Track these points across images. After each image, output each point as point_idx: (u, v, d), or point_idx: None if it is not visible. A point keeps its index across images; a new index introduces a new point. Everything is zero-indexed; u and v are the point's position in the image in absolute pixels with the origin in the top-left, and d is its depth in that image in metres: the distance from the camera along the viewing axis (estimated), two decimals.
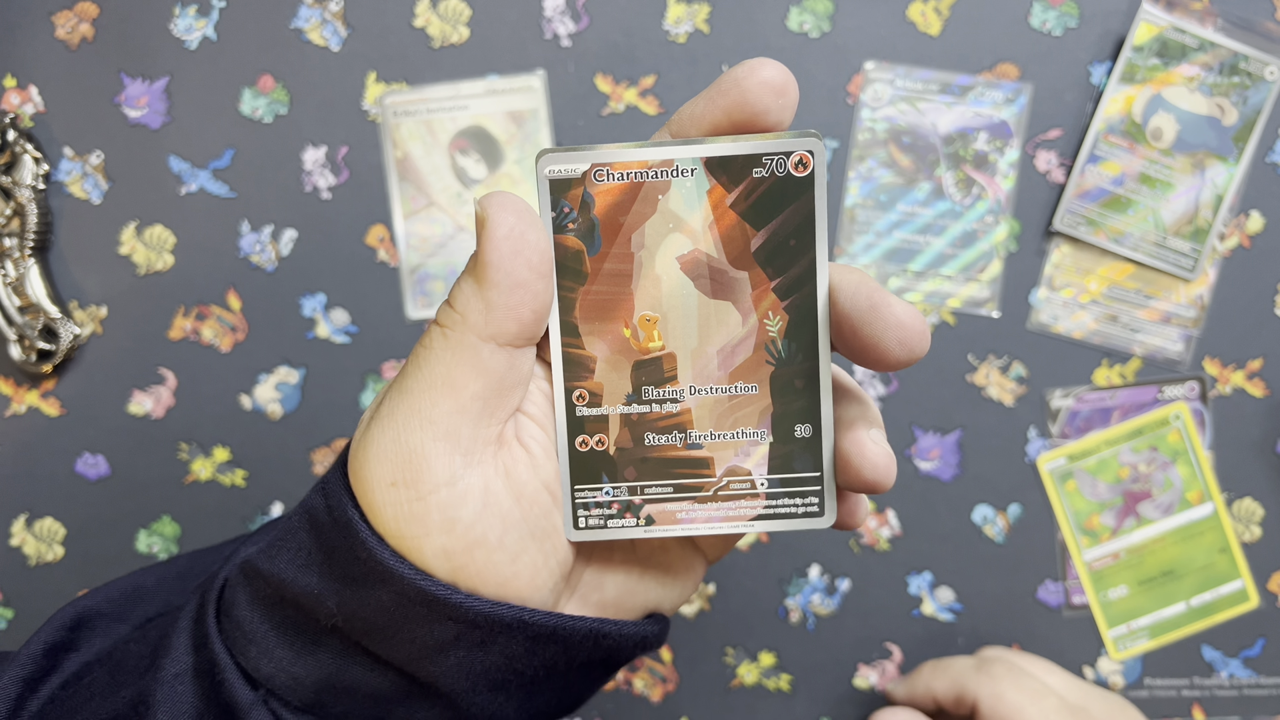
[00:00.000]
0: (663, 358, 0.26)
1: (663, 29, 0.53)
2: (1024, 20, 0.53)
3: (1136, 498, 0.54)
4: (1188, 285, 0.53)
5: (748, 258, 0.25)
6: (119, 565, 0.54)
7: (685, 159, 0.25)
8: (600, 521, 0.27)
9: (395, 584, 0.24)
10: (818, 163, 0.25)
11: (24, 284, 0.52)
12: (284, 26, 0.53)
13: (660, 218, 0.25)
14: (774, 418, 0.26)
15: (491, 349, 0.24)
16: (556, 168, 0.25)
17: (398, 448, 0.24)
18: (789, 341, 0.26)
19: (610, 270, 0.26)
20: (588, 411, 0.26)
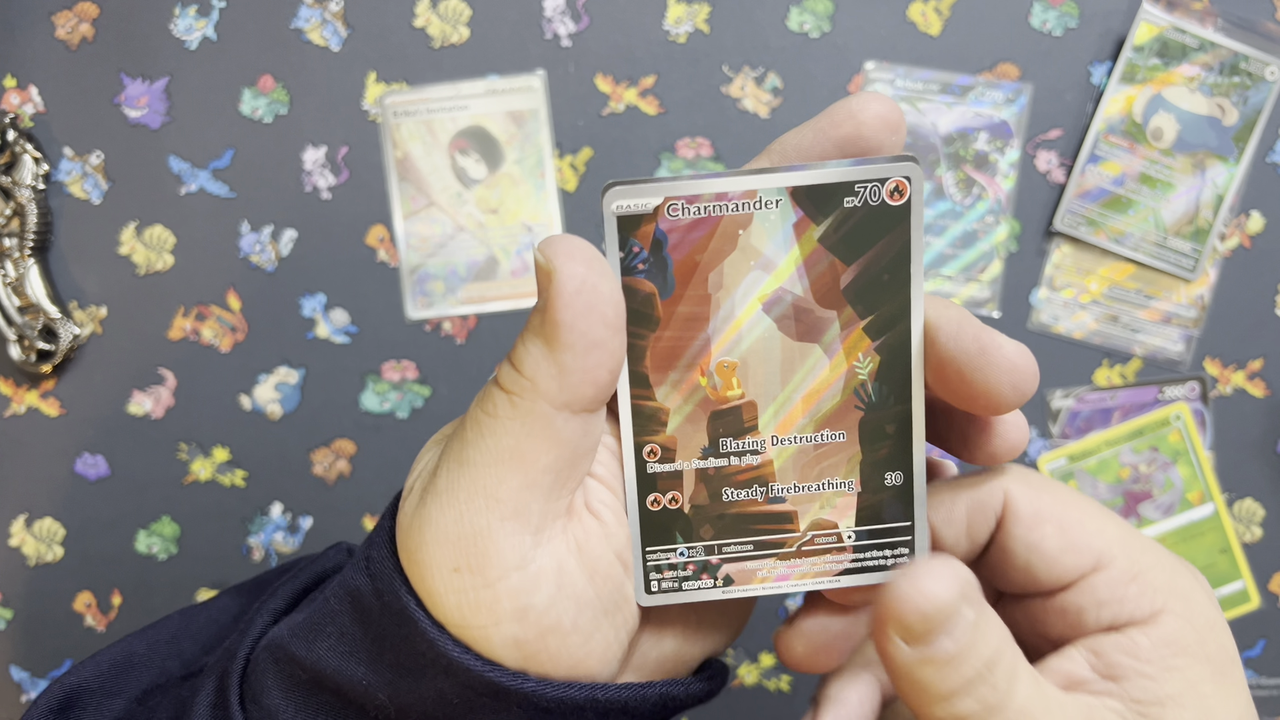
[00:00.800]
0: (742, 406, 0.24)
1: (663, 29, 0.53)
2: (1024, 20, 0.53)
3: (1137, 498, 0.54)
4: (1188, 285, 0.53)
5: (836, 295, 0.23)
6: (118, 565, 0.54)
7: (769, 189, 0.23)
8: (675, 584, 0.25)
9: (459, 676, 0.22)
10: (915, 189, 0.23)
11: (24, 284, 0.52)
12: (284, 26, 0.53)
13: (740, 254, 0.23)
14: (863, 466, 0.24)
15: (565, 417, 0.22)
16: (626, 203, 0.23)
17: (461, 529, 0.22)
18: (880, 384, 0.24)
19: (684, 314, 0.24)
20: (660, 468, 0.24)
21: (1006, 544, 0.24)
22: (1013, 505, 0.24)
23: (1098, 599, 0.23)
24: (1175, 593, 0.23)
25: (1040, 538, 0.24)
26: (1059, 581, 0.24)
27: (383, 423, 0.54)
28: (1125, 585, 0.23)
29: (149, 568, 0.54)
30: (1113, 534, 0.24)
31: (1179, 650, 0.22)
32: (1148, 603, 0.23)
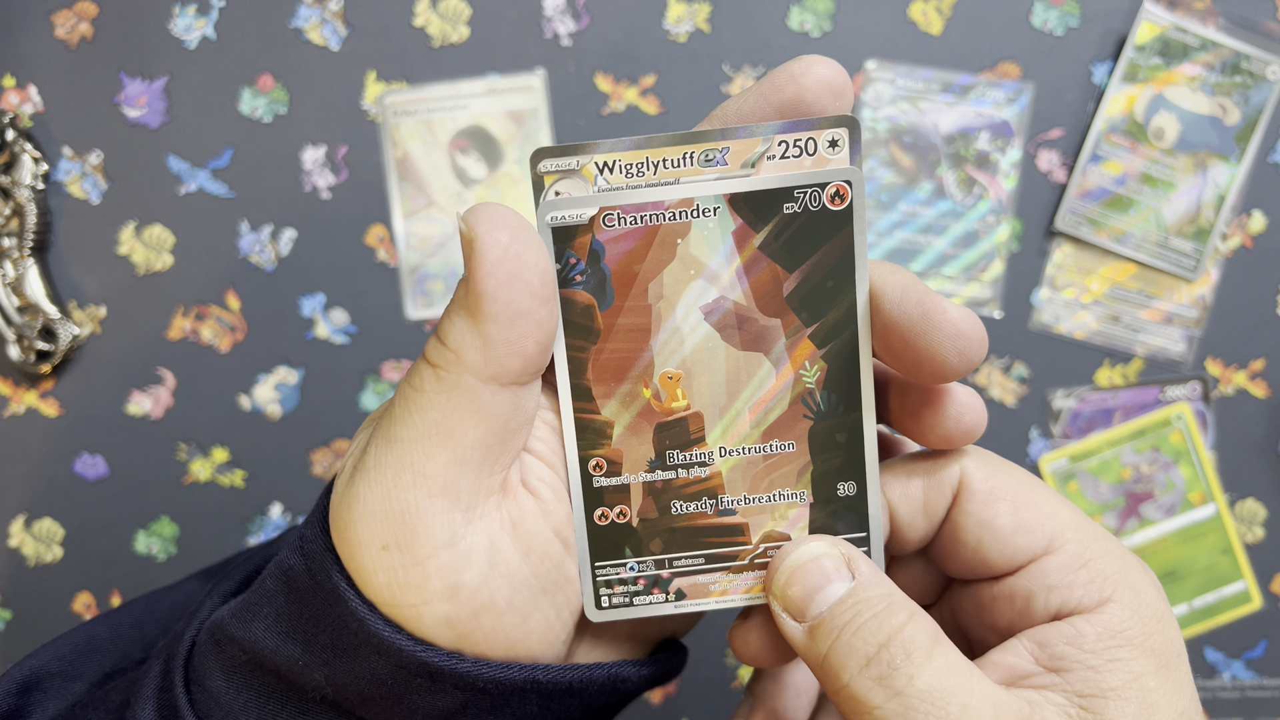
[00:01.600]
0: (688, 418, 0.24)
1: (663, 28, 0.53)
2: (1025, 20, 0.53)
3: (1139, 498, 0.54)
4: (1190, 285, 0.53)
5: (780, 303, 0.23)
6: (118, 566, 0.54)
7: (706, 197, 0.22)
8: (625, 599, 0.24)
9: (392, 656, 0.22)
10: (856, 194, 0.22)
11: (23, 284, 0.52)
12: (283, 26, 0.53)
13: (680, 264, 0.23)
14: (814, 476, 0.24)
15: (493, 390, 0.21)
16: (560, 214, 0.22)
17: (388, 506, 0.21)
18: (828, 392, 0.23)
19: (625, 325, 0.23)
20: (606, 482, 0.24)
21: (960, 520, 0.24)
22: (968, 482, 0.24)
23: (1047, 583, 0.23)
24: (1124, 583, 0.23)
25: (994, 515, 0.24)
26: (1010, 563, 0.24)
27: None
28: (1075, 571, 0.23)
29: (148, 568, 0.54)
30: (1066, 518, 0.24)
31: (1124, 641, 0.22)
32: (1096, 590, 0.23)
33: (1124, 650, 0.22)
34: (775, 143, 0.23)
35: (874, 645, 0.21)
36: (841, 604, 0.22)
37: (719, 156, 0.23)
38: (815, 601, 0.23)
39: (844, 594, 0.22)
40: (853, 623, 0.22)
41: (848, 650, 0.22)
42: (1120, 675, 0.22)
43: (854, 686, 0.21)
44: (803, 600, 0.23)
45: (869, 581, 0.23)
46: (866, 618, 0.22)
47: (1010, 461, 0.25)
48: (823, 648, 0.22)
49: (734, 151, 0.23)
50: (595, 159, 0.23)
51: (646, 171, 0.23)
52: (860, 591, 0.22)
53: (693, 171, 0.23)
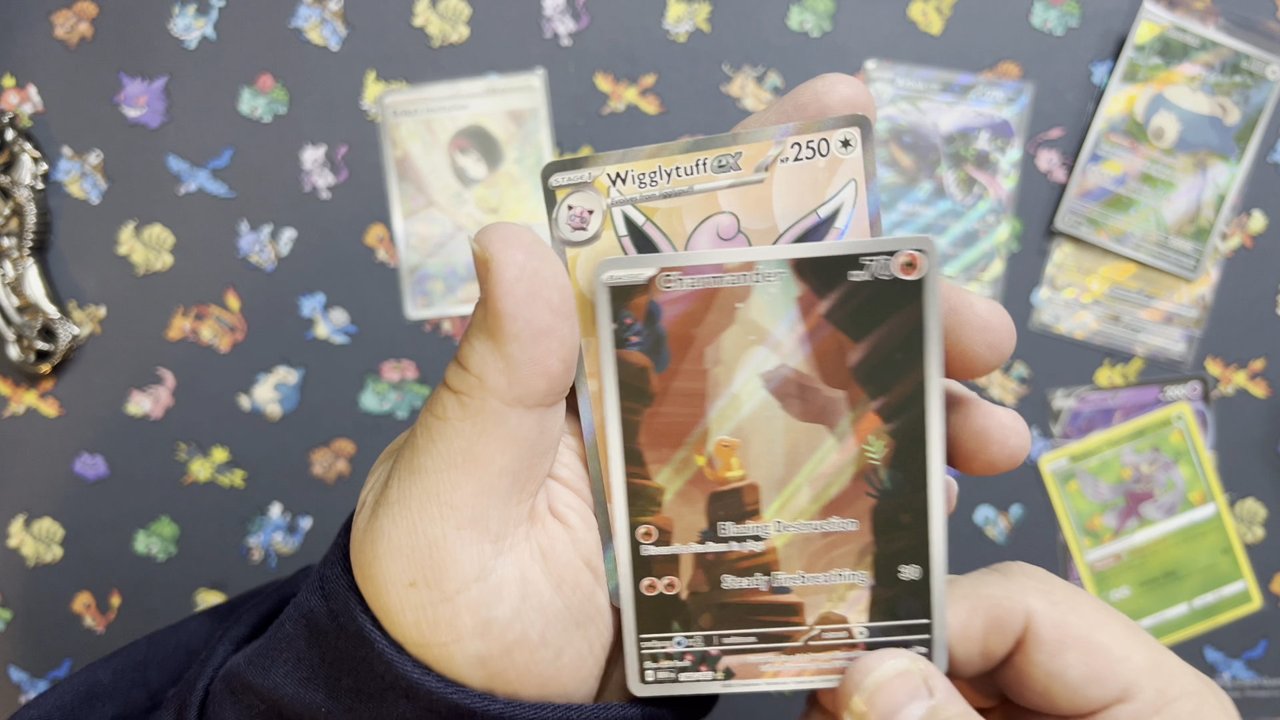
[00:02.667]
0: (743, 489, 0.23)
1: (663, 28, 0.53)
2: (1025, 19, 0.53)
3: (1139, 498, 0.53)
4: (1190, 285, 0.53)
5: (845, 374, 0.22)
6: (117, 566, 0.54)
7: (769, 261, 0.22)
8: (671, 675, 0.23)
9: (421, 699, 0.21)
10: (930, 265, 0.21)
11: (22, 284, 0.52)
12: (283, 26, 0.53)
13: (739, 328, 0.22)
14: (876, 558, 0.23)
15: (519, 413, 0.21)
16: (618, 273, 0.22)
17: (415, 540, 0.21)
18: (894, 471, 0.22)
19: (681, 389, 0.22)
20: (655, 550, 0.23)
21: (1025, 668, 0.23)
22: (1035, 629, 0.22)
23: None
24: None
25: (1063, 666, 0.22)
26: (1079, 710, 0.23)
27: (382, 423, 0.54)
28: (1150, 718, 0.22)
29: (148, 568, 0.54)
30: (1140, 661, 0.22)
31: None
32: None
33: None
34: (788, 145, 0.22)
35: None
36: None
37: (732, 162, 0.22)
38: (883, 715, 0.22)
39: (925, 712, 0.22)
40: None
41: None
42: None
43: None
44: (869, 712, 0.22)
45: (947, 700, 0.22)
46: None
47: (1080, 591, 0.24)
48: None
49: (746, 156, 0.22)
50: (607, 170, 0.22)
51: (660, 180, 0.22)
52: (940, 711, 0.22)
53: (706, 178, 0.22)
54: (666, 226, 0.22)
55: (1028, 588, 0.23)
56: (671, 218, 0.22)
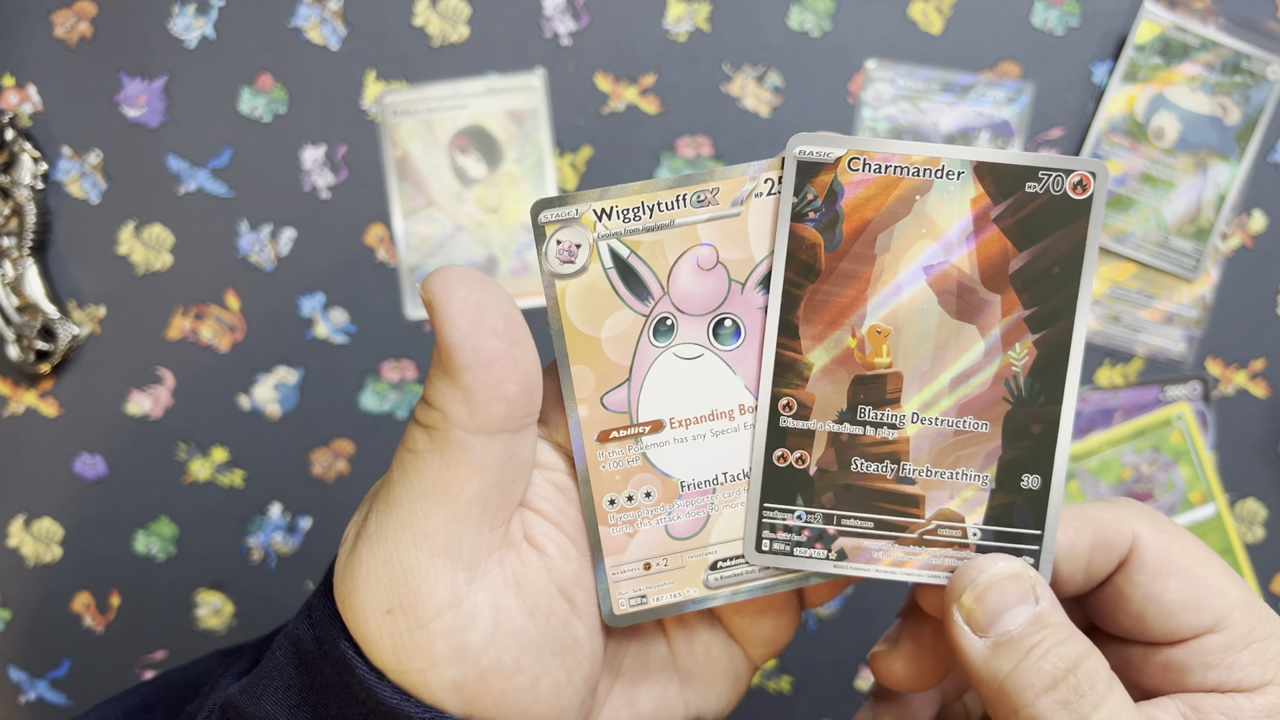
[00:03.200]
0: (888, 376, 0.23)
1: (663, 27, 0.53)
2: (1026, 19, 0.52)
3: (1139, 499, 0.53)
4: (1190, 285, 0.53)
5: (1004, 279, 0.23)
6: (117, 566, 0.54)
7: (954, 159, 0.23)
8: (786, 548, 0.24)
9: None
10: (1099, 187, 0.22)
11: (22, 284, 0.52)
12: (283, 25, 0.53)
13: (913, 220, 0.23)
14: (1001, 462, 0.23)
15: (484, 441, 0.21)
16: (809, 149, 0.23)
17: (390, 569, 0.21)
18: (1033, 380, 0.23)
19: (846, 270, 0.23)
20: (793, 423, 0.24)
21: (1124, 588, 0.24)
22: (1140, 551, 0.24)
23: (1207, 661, 0.23)
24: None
25: (1163, 589, 0.23)
26: (1171, 636, 0.24)
27: (382, 423, 0.53)
28: (1238, 652, 0.23)
29: (148, 568, 0.54)
30: (1235, 597, 0.23)
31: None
32: (1258, 673, 0.23)
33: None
34: (761, 180, 0.23)
35: (1061, 670, 0.21)
36: (1031, 625, 0.22)
37: (710, 197, 0.23)
38: (1004, 619, 0.22)
39: (1032, 616, 0.22)
40: (1041, 645, 0.22)
41: (1034, 671, 0.22)
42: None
43: (1038, 707, 0.21)
44: (989, 617, 0.22)
45: (1051, 609, 0.23)
46: (1054, 643, 0.22)
47: (1183, 528, 0.25)
48: (1007, 666, 0.22)
49: (723, 191, 0.23)
50: (593, 206, 0.23)
51: (643, 215, 0.23)
52: (1047, 617, 0.22)
53: (686, 213, 0.23)
54: (650, 258, 0.24)
55: (1135, 514, 0.24)
56: (654, 250, 0.23)
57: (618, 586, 0.24)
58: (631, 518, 0.24)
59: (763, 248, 0.23)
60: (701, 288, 0.24)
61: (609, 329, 0.24)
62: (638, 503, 0.24)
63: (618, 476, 0.24)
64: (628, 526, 0.24)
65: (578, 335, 0.24)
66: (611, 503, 0.24)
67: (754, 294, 0.24)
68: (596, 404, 0.24)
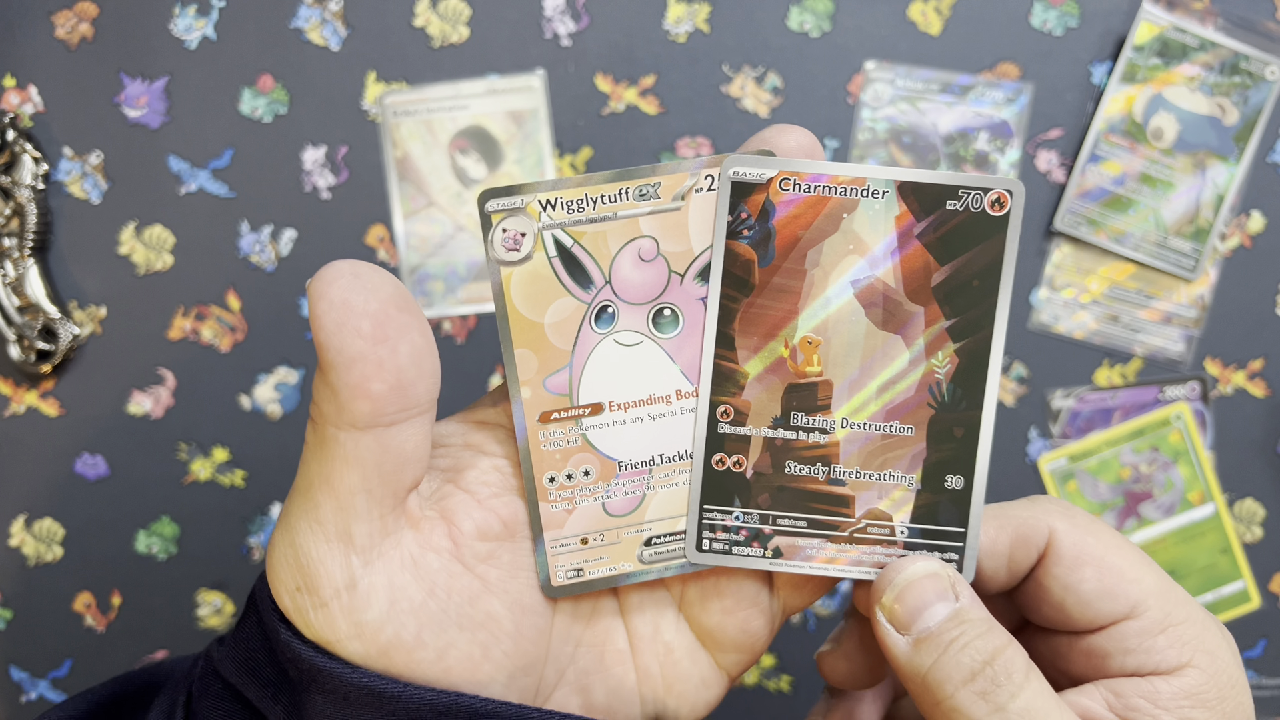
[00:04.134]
0: (819, 384, 0.25)
1: (663, 28, 0.53)
2: (1025, 20, 0.53)
3: (1138, 498, 0.54)
4: (1189, 285, 0.53)
5: (926, 292, 0.24)
6: (118, 566, 0.54)
7: (878, 179, 0.24)
8: (725, 547, 0.25)
9: (325, 681, 0.23)
10: (1015, 205, 0.24)
11: (23, 284, 0.52)
12: (284, 26, 0.53)
13: (841, 237, 0.24)
14: (926, 464, 0.25)
15: (354, 437, 0.22)
16: (742, 170, 0.24)
17: (294, 553, 0.23)
18: (955, 386, 0.24)
19: (778, 285, 0.24)
20: (730, 429, 0.25)
21: (1044, 581, 0.25)
22: (1056, 544, 0.25)
23: (1125, 646, 0.24)
24: (1203, 649, 0.24)
25: (1079, 580, 0.24)
26: (1090, 624, 0.25)
27: None
28: (1154, 636, 0.24)
29: (149, 568, 0.54)
30: (1150, 584, 0.24)
31: (1198, 703, 0.23)
32: (1174, 655, 0.24)
33: (1197, 711, 0.23)
34: (702, 176, 0.24)
35: (979, 662, 0.22)
36: (949, 621, 0.23)
37: (651, 191, 0.24)
38: (923, 617, 0.24)
39: (951, 613, 0.23)
40: (959, 640, 0.23)
41: (953, 665, 0.23)
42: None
43: (957, 699, 0.22)
44: (910, 615, 0.24)
45: (970, 605, 0.24)
46: (972, 636, 0.23)
47: (1099, 520, 0.26)
48: (927, 661, 0.23)
49: (665, 186, 0.24)
50: (539, 197, 0.24)
51: (587, 207, 0.24)
52: (965, 612, 0.23)
53: (629, 205, 0.24)
54: (593, 248, 0.24)
55: (1052, 510, 0.25)
56: (597, 241, 0.24)
57: (556, 559, 0.25)
58: (570, 495, 0.25)
59: (702, 241, 0.25)
60: (642, 278, 0.25)
61: (552, 315, 0.25)
62: (576, 481, 0.25)
63: (558, 455, 0.25)
64: (566, 503, 0.25)
65: (522, 320, 0.25)
66: (551, 480, 0.25)
67: (693, 285, 0.25)
68: (539, 386, 0.25)
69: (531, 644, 0.25)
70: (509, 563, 0.25)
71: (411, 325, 0.22)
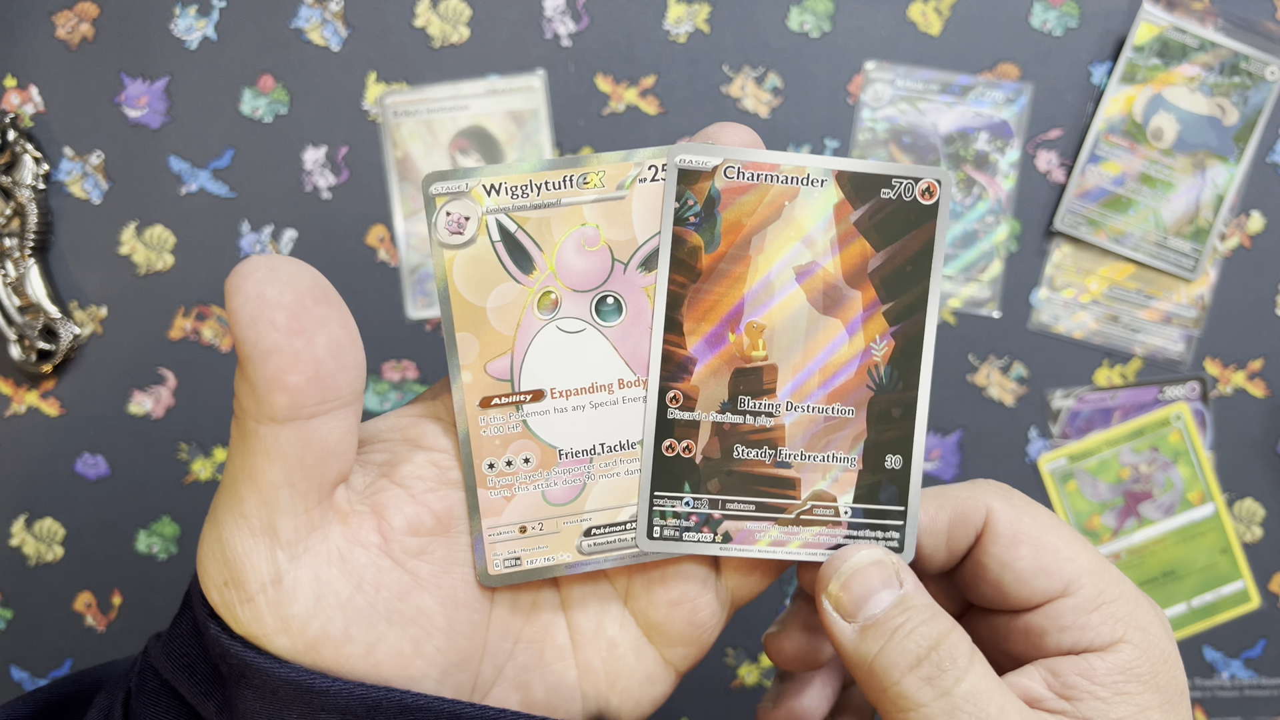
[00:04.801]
0: (764, 368, 0.25)
1: (663, 29, 0.53)
2: (1024, 20, 0.53)
3: (1137, 498, 0.54)
4: (1188, 285, 0.53)
5: (863, 277, 0.25)
6: (119, 565, 0.54)
7: (818, 169, 0.25)
8: (675, 533, 0.25)
9: (253, 676, 0.22)
10: (944, 193, 0.25)
11: (24, 284, 0.52)
12: (284, 26, 0.53)
13: (783, 224, 0.25)
14: (866, 445, 0.25)
15: (273, 430, 0.22)
16: (688, 159, 0.24)
17: (220, 548, 0.23)
18: (892, 368, 0.25)
19: (724, 271, 0.25)
20: (680, 415, 0.25)
21: (982, 559, 0.26)
22: (993, 523, 0.26)
23: (1061, 623, 0.25)
24: (1135, 625, 0.24)
25: (1015, 558, 0.25)
26: (1027, 602, 0.25)
27: None
28: (1089, 613, 0.24)
29: (149, 568, 0.54)
30: (1084, 563, 0.25)
31: (1133, 678, 0.24)
32: (1108, 631, 0.24)
33: (1132, 685, 0.23)
34: (646, 166, 0.24)
35: (924, 648, 0.23)
36: (893, 609, 0.24)
37: (596, 179, 0.24)
38: (868, 605, 0.24)
39: (895, 600, 0.24)
40: (904, 626, 0.23)
41: (899, 651, 0.23)
42: (1127, 708, 0.23)
43: (903, 685, 0.23)
44: (855, 602, 0.24)
45: (914, 591, 0.24)
46: (916, 623, 0.23)
47: (1035, 502, 0.26)
48: (874, 648, 0.23)
49: (609, 175, 0.24)
50: (483, 181, 0.24)
51: (531, 193, 0.24)
52: (909, 599, 0.24)
53: (573, 193, 0.24)
54: (536, 234, 0.25)
55: (990, 491, 0.26)
56: (541, 227, 0.25)
57: (493, 548, 0.25)
58: (510, 481, 0.25)
59: (645, 230, 0.25)
60: (585, 265, 0.25)
61: (494, 299, 0.25)
62: (516, 468, 0.25)
63: (498, 441, 0.25)
64: (505, 490, 0.25)
65: (464, 304, 0.25)
66: (490, 466, 0.25)
67: (636, 274, 0.25)
68: (480, 371, 0.25)
69: (466, 640, 0.24)
70: (442, 558, 0.24)
71: (330, 317, 0.22)
